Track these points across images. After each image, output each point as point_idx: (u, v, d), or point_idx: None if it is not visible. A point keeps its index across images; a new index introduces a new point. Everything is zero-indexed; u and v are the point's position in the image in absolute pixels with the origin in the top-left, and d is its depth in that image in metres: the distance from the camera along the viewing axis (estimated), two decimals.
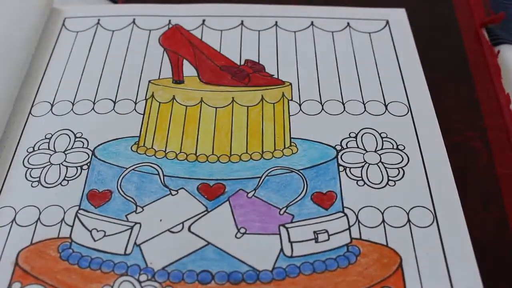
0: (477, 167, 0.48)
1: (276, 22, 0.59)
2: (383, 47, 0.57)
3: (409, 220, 0.44)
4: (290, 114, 0.51)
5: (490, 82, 0.55)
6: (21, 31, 0.55)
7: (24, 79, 0.54)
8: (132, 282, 0.41)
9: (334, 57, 0.56)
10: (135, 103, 0.52)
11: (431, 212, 0.44)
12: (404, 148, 0.48)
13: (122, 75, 0.55)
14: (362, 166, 0.47)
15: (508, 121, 0.51)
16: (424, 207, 0.45)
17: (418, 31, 0.60)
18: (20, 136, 0.50)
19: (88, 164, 0.48)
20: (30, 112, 0.52)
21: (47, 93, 0.54)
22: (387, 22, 0.59)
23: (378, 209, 0.45)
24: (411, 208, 0.45)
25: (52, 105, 0.52)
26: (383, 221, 0.44)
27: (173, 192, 0.46)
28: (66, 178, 0.47)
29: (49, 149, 0.49)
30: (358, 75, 0.54)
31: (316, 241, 0.43)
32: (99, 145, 0.49)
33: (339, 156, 0.48)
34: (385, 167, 0.47)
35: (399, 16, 0.60)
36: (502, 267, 0.43)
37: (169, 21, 0.59)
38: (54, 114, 0.52)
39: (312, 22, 0.60)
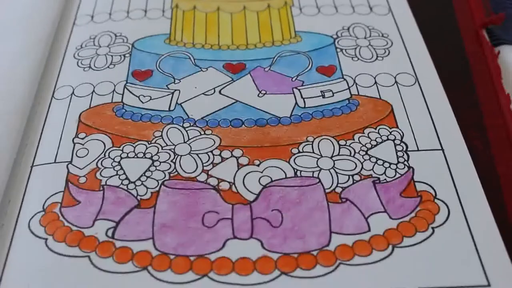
0: (477, 166, 0.48)
1: None
2: None
3: (396, 82, 0.55)
4: (293, 15, 0.62)
5: (490, 82, 0.56)
6: None
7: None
8: (178, 128, 0.51)
9: None
10: (163, 11, 0.63)
11: (413, 76, 0.55)
12: (388, 35, 0.60)
13: None
14: (355, 48, 0.58)
15: (508, 121, 0.52)
16: (407, 73, 0.56)
17: None
18: (68, 39, 0.60)
19: (130, 53, 0.58)
20: (74, 23, 0.62)
21: (86, 8, 0.64)
22: None
23: (371, 75, 0.55)
24: (397, 74, 0.56)
25: (92, 16, 0.63)
26: (376, 83, 0.55)
27: (203, 69, 0.56)
28: (112, 63, 0.57)
29: (94, 45, 0.59)
30: None
31: (323, 97, 0.54)
32: (137, 40, 0.59)
33: (335, 42, 0.59)
34: (374, 48, 0.58)
35: None
36: None
37: None
38: (95, 22, 0.62)
39: None
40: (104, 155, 0.48)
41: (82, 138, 0.50)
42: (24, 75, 0.55)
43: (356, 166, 0.47)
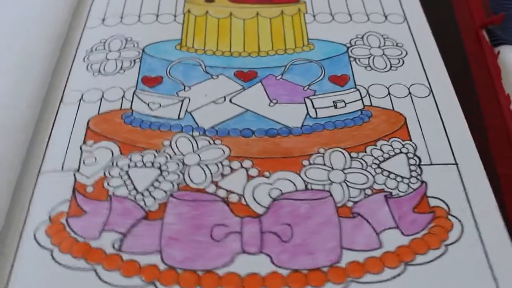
0: None
1: None
2: None
3: (410, 93, 0.54)
4: (306, 22, 0.61)
5: (490, 82, 0.56)
6: None
7: (77, 1, 0.63)
8: (187, 137, 0.50)
9: None
10: (175, 16, 0.62)
11: (428, 87, 0.54)
12: (403, 45, 0.59)
13: None
14: (369, 57, 0.57)
15: (508, 121, 0.52)
16: (421, 84, 0.55)
17: None
18: (79, 42, 0.59)
19: (140, 58, 0.57)
20: (85, 26, 0.61)
21: (98, 10, 0.63)
22: None
23: (384, 85, 0.54)
24: (411, 85, 0.54)
25: (103, 19, 0.62)
26: (389, 93, 0.54)
27: (214, 77, 0.55)
28: (122, 68, 0.56)
29: (104, 49, 0.58)
30: None
31: (335, 108, 0.53)
32: (147, 45, 0.58)
33: (349, 51, 0.58)
34: (388, 58, 0.57)
35: None
36: None
37: None
38: (106, 26, 0.61)
39: None
40: (112, 163, 0.48)
41: (90, 146, 0.49)
42: (34, 78, 0.54)
43: (368, 179, 0.46)
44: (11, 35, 0.57)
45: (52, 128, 0.51)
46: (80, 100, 0.53)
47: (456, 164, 0.47)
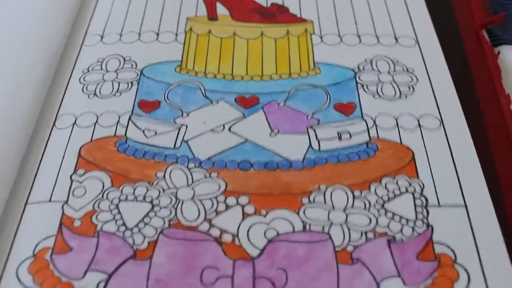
0: None
1: None
2: None
3: (419, 124, 0.51)
4: (313, 44, 0.58)
5: (490, 82, 0.56)
6: None
7: (76, 16, 0.61)
8: (182, 169, 0.48)
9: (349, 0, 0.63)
10: (176, 35, 0.59)
11: (438, 119, 0.51)
12: (413, 70, 0.56)
13: (163, 12, 0.62)
14: (377, 84, 0.54)
15: (508, 121, 0.52)
16: (432, 115, 0.51)
17: None
18: (75, 61, 0.57)
19: (138, 80, 0.55)
20: (82, 43, 0.59)
21: (97, 27, 0.60)
22: None
23: (393, 115, 0.51)
24: (421, 115, 0.51)
25: (102, 37, 0.59)
26: (397, 125, 0.51)
27: (214, 102, 0.53)
28: (119, 91, 0.54)
29: (101, 69, 0.56)
30: (371, 13, 0.62)
31: (340, 139, 0.50)
32: (146, 66, 0.56)
33: (357, 76, 0.55)
34: (397, 85, 0.54)
35: None
36: None
37: None
38: (104, 43, 0.59)
39: None
40: (102, 196, 0.45)
41: (81, 175, 0.47)
42: (27, 98, 0.52)
43: (370, 221, 0.44)
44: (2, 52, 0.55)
45: (42, 154, 0.49)
46: (73, 124, 0.51)
47: (466, 206, 0.45)
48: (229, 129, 0.50)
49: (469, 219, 0.44)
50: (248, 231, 0.43)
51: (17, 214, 0.45)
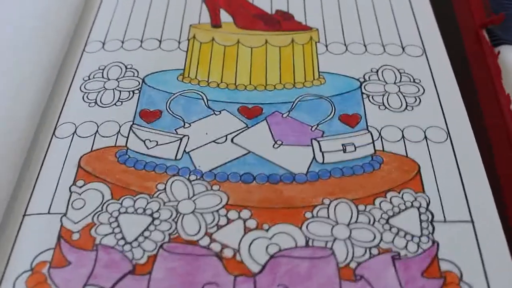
0: None
1: None
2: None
3: (425, 137, 0.50)
4: (318, 53, 0.57)
5: (490, 82, 0.56)
6: None
7: (77, 22, 0.60)
8: (183, 181, 0.47)
9: (356, 8, 0.62)
10: (179, 42, 0.58)
11: (445, 131, 0.50)
12: (420, 81, 0.55)
13: (166, 19, 0.61)
14: (383, 95, 0.53)
15: (508, 121, 0.52)
16: (438, 127, 0.50)
17: None
18: (76, 68, 0.56)
19: (139, 89, 0.54)
20: (84, 49, 0.58)
21: (99, 33, 0.59)
22: None
23: (398, 127, 0.50)
24: (427, 128, 0.50)
25: (103, 43, 0.58)
26: (403, 137, 0.50)
27: (216, 112, 0.52)
28: (120, 100, 0.53)
29: (103, 77, 0.55)
30: (377, 22, 0.61)
31: (344, 152, 0.49)
32: (148, 75, 0.55)
33: (362, 86, 0.54)
34: (404, 96, 0.53)
35: None
36: None
37: None
38: (106, 50, 0.58)
39: None
40: (102, 208, 0.44)
41: (80, 187, 0.46)
42: (27, 106, 0.51)
43: (374, 237, 0.43)
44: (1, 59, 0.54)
45: (42, 164, 0.48)
46: (73, 133, 0.50)
47: (472, 221, 0.44)
48: (232, 140, 0.49)
49: (476, 236, 0.43)
50: (249, 246, 0.43)
51: (15, 225, 0.45)
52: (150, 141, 0.49)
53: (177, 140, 0.49)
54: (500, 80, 0.56)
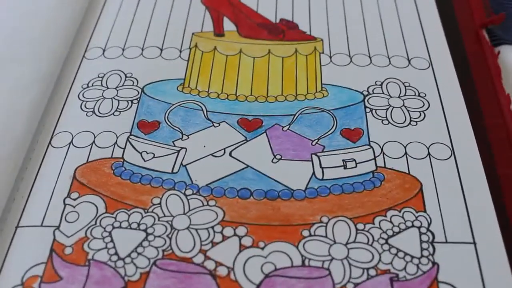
0: None
1: None
2: (406, 7, 0.62)
3: (429, 153, 0.48)
4: (322, 64, 0.56)
5: (490, 82, 0.56)
6: None
7: (78, 27, 0.59)
8: (179, 195, 0.46)
9: (362, 18, 0.61)
10: (180, 51, 0.57)
11: (449, 148, 0.49)
12: (425, 95, 0.53)
13: (168, 27, 0.60)
14: (387, 109, 0.52)
15: (508, 121, 0.52)
16: (442, 144, 0.49)
17: None
18: (75, 75, 0.55)
19: (138, 99, 0.53)
20: (84, 56, 0.57)
21: (99, 40, 0.59)
22: None
23: (401, 143, 0.49)
24: (431, 144, 0.49)
25: (104, 50, 0.58)
26: (406, 153, 0.48)
27: (215, 124, 0.51)
28: (118, 109, 0.52)
29: (101, 85, 0.54)
30: (383, 33, 0.59)
31: (345, 168, 0.48)
32: (147, 84, 0.54)
33: (366, 100, 0.53)
34: (408, 110, 0.52)
35: None
36: None
37: None
38: (106, 58, 0.57)
39: None
40: (95, 222, 0.43)
41: (74, 199, 0.45)
42: (23, 114, 0.50)
43: (373, 257, 0.42)
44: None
45: (36, 175, 0.47)
46: (70, 143, 0.49)
47: (474, 243, 0.42)
48: (230, 154, 0.48)
49: (478, 258, 0.42)
50: (244, 264, 0.42)
51: (7, 237, 0.44)
52: (147, 153, 0.48)
53: (174, 152, 0.48)
54: (500, 80, 0.55)
